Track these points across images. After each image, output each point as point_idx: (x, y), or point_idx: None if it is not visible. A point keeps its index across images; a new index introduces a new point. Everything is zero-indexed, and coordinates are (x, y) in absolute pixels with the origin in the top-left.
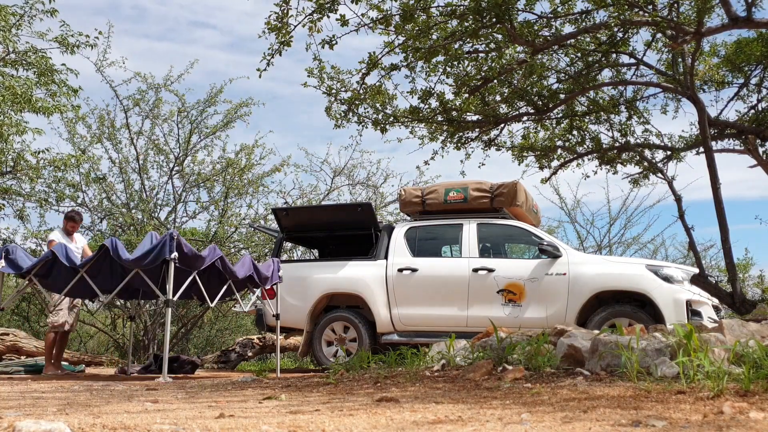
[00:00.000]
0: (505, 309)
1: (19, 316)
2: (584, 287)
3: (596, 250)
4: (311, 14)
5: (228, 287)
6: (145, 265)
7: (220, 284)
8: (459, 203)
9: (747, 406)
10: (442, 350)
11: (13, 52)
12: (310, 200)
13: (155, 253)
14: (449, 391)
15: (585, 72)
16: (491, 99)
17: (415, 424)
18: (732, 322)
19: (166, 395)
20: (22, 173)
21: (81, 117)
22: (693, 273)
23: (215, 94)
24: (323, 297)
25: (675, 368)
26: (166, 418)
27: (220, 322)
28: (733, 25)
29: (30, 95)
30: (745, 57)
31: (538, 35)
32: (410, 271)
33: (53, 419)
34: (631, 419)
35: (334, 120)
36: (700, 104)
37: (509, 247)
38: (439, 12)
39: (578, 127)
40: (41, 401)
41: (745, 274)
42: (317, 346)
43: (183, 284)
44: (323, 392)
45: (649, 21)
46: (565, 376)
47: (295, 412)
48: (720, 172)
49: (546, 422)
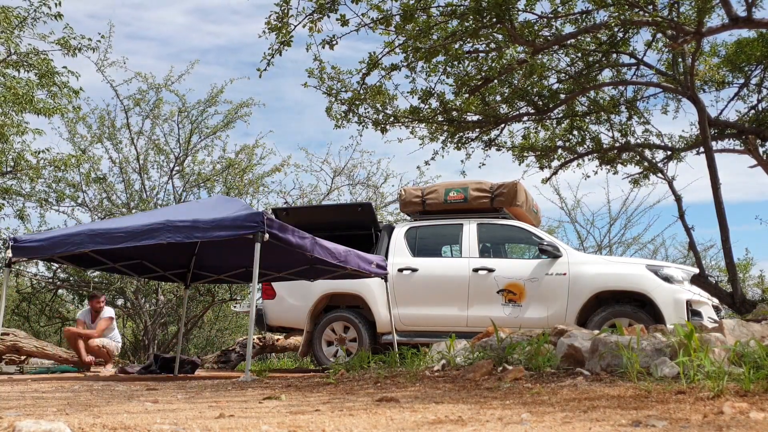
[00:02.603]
0: (506, 309)
1: (19, 316)
2: (584, 287)
3: (596, 250)
4: (311, 14)
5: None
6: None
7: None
8: (459, 203)
9: (747, 407)
10: (442, 350)
11: (15, 53)
12: (310, 200)
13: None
14: (449, 391)
15: (585, 72)
16: (491, 99)
17: (415, 424)
18: (732, 322)
19: (166, 395)
20: (23, 173)
21: (81, 117)
22: (693, 273)
23: (215, 94)
24: (323, 297)
25: (675, 368)
26: (166, 418)
27: (220, 322)
28: (733, 25)
29: (31, 96)
30: (746, 57)
31: (538, 35)
32: (410, 271)
33: (53, 419)
34: (632, 419)
35: (335, 120)
36: (700, 104)
37: (509, 247)
38: (440, 12)
39: (578, 127)
40: (41, 401)
41: (745, 274)
42: (317, 346)
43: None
44: (323, 392)
45: (649, 21)
46: (565, 376)
47: (296, 412)
48: (720, 173)
49: (546, 422)
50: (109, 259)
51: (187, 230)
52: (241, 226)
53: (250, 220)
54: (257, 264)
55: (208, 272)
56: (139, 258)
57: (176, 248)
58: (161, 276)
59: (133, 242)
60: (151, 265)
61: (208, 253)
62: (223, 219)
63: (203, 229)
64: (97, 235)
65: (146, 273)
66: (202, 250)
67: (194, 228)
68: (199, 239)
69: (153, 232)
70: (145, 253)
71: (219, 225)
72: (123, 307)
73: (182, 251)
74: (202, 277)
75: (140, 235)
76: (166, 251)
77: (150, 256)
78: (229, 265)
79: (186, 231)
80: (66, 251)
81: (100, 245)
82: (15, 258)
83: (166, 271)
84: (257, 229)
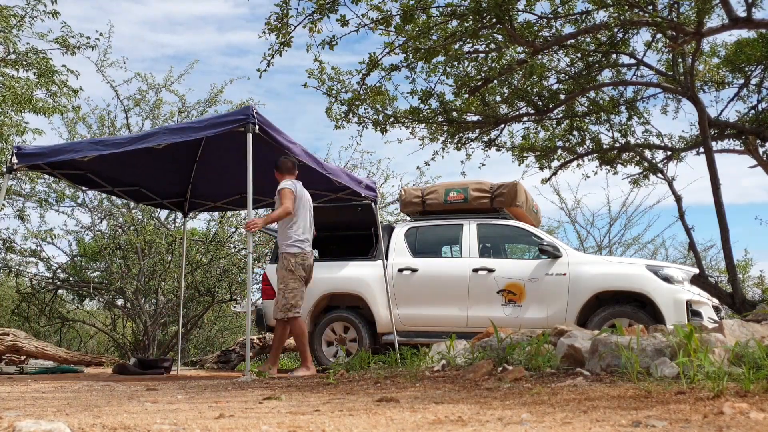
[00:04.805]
0: (506, 309)
1: (19, 316)
2: (584, 287)
3: (596, 250)
4: (311, 14)
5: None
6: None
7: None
8: (459, 203)
9: (747, 407)
10: (442, 350)
11: (14, 52)
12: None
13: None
14: (449, 391)
15: (585, 72)
16: (491, 99)
17: (415, 424)
18: (732, 323)
19: (166, 395)
20: (23, 173)
21: (81, 117)
22: (693, 273)
23: (215, 94)
24: (323, 297)
25: (675, 368)
26: (166, 418)
27: (220, 322)
28: (733, 25)
29: (30, 96)
30: (745, 57)
31: (538, 36)
32: (410, 271)
33: (53, 419)
34: (632, 419)
35: (335, 121)
36: (700, 104)
37: (509, 248)
38: (439, 12)
39: (578, 127)
40: (41, 401)
41: (745, 274)
42: (317, 346)
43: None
44: (323, 392)
45: (649, 21)
46: (565, 376)
47: (295, 413)
48: (720, 173)
49: (546, 422)
50: (108, 183)
51: (182, 131)
52: (232, 121)
53: (240, 113)
54: (251, 158)
55: (205, 200)
56: (137, 185)
57: (173, 175)
58: (159, 204)
59: (132, 146)
60: (149, 193)
61: (204, 180)
62: (214, 117)
63: (197, 129)
64: (98, 143)
65: (144, 200)
66: (198, 178)
67: (189, 129)
68: (193, 138)
69: (150, 137)
70: (142, 180)
71: (211, 123)
72: (123, 308)
73: (179, 179)
74: (198, 205)
75: (138, 140)
76: (163, 178)
77: (147, 182)
78: (224, 192)
79: (181, 132)
80: (67, 158)
81: (100, 151)
82: (18, 165)
83: (164, 200)
84: (247, 121)
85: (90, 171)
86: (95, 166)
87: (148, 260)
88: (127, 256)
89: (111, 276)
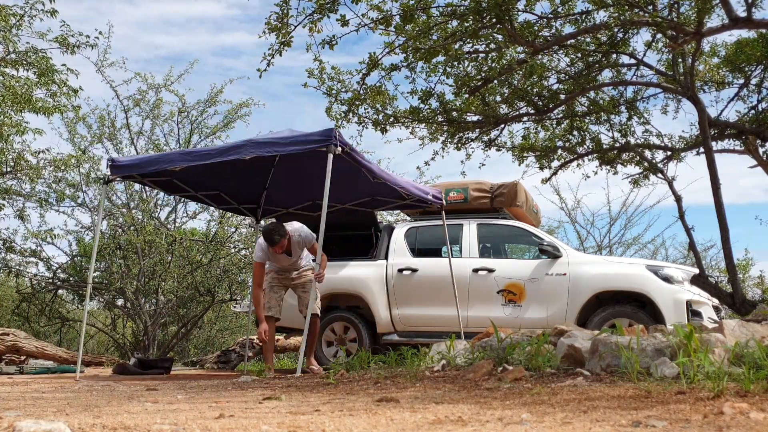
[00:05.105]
0: (506, 309)
1: (19, 316)
2: (584, 287)
3: (596, 250)
4: (311, 14)
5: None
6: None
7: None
8: (459, 203)
9: (747, 407)
10: (442, 350)
11: (14, 52)
12: None
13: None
14: (449, 391)
15: (585, 72)
16: (491, 99)
17: (415, 424)
18: (732, 323)
19: (166, 395)
20: (23, 173)
21: (81, 117)
22: (693, 273)
23: (215, 94)
24: (323, 297)
25: (675, 369)
26: (166, 418)
27: (220, 322)
28: (733, 25)
29: (30, 95)
30: (745, 57)
31: (538, 36)
32: (410, 272)
33: (53, 419)
34: (632, 419)
35: (335, 120)
36: (700, 104)
37: (509, 248)
38: (439, 12)
39: (578, 127)
40: (41, 401)
41: (745, 274)
42: (317, 346)
43: None
44: (323, 392)
45: (649, 21)
46: (565, 376)
47: (295, 413)
48: (720, 173)
49: (546, 422)
50: (192, 188)
51: (268, 146)
52: (315, 141)
53: (323, 135)
54: (329, 175)
55: (277, 207)
56: (218, 189)
57: (249, 181)
58: (235, 208)
59: (221, 158)
60: (228, 197)
61: (277, 187)
62: (298, 135)
63: (282, 144)
64: (187, 154)
65: (222, 204)
66: (273, 185)
67: (274, 144)
68: (279, 153)
69: (238, 149)
70: (222, 185)
71: (295, 141)
72: (123, 308)
73: (255, 187)
74: (271, 211)
75: (227, 151)
76: (241, 185)
77: (227, 188)
78: (295, 199)
79: (267, 146)
80: (159, 168)
81: (190, 162)
82: (113, 176)
83: (240, 204)
84: (330, 143)
85: (176, 178)
86: (182, 174)
87: (148, 260)
88: (127, 256)
89: (111, 276)
